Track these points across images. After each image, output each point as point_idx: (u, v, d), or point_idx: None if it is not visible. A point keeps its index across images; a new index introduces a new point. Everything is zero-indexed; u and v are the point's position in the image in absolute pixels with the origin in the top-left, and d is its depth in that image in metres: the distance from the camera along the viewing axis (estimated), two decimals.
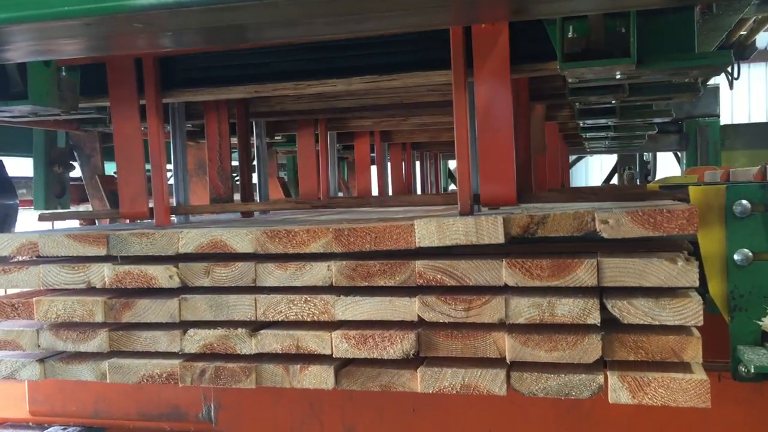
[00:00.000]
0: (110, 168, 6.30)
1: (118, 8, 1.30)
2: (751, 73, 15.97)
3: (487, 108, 1.98)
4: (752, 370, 1.60)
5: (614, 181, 8.31)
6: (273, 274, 1.69)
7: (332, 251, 1.66)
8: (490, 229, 1.54)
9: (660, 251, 1.55)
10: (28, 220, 5.93)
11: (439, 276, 1.59)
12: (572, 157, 8.26)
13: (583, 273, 1.52)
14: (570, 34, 1.93)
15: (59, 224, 6.50)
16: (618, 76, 2.09)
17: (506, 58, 2.06)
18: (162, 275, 1.73)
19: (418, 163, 6.55)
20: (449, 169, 8.53)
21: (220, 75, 2.89)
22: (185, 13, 1.31)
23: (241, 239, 1.70)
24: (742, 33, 4.26)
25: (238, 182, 3.69)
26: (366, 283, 1.64)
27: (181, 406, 2.01)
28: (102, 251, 1.76)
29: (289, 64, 2.78)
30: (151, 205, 2.46)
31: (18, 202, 4.30)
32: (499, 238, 1.54)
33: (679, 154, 7.53)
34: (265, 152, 3.84)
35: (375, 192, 5.32)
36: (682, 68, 2.10)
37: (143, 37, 1.54)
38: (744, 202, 1.64)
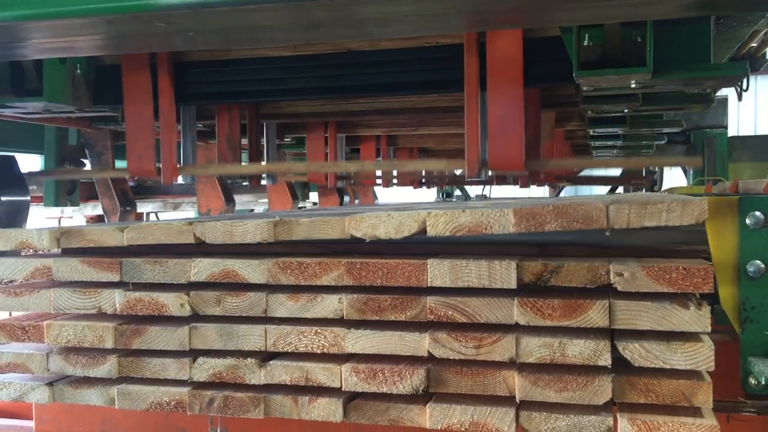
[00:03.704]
0: (122, 165, 6.32)
1: (142, 7, 1.31)
2: (758, 85, 15.92)
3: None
4: (762, 382, 1.60)
5: (620, 191, 8.30)
6: (284, 305, 1.69)
7: (344, 284, 1.66)
8: (503, 273, 1.55)
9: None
10: (36, 216, 5.97)
11: (450, 312, 1.59)
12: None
13: (595, 314, 1.52)
14: (586, 43, 1.93)
15: (65, 221, 6.53)
16: (633, 85, 2.10)
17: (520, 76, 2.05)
18: (173, 303, 1.73)
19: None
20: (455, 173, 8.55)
21: (233, 90, 2.90)
22: (209, 13, 1.32)
23: (253, 270, 1.70)
24: (752, 45, 4.25)
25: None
26: (377, 317, 1.64)
27: (188, 430, 2.02)
28: (115, 277, 1.77)
29: (304, 81, 2.79)
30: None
31: (30, 198, 4.33)
32: (512, 284, 1.54)
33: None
34: (274, 154, 3.85)
35: (379, 197, 5.32)
36: (697, 78, 2.11)
37: (163, 36, 1.54)
38: (757, 213, 1.64)
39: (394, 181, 5.47)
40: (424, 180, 6.59)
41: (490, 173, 1.96)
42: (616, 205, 1.51)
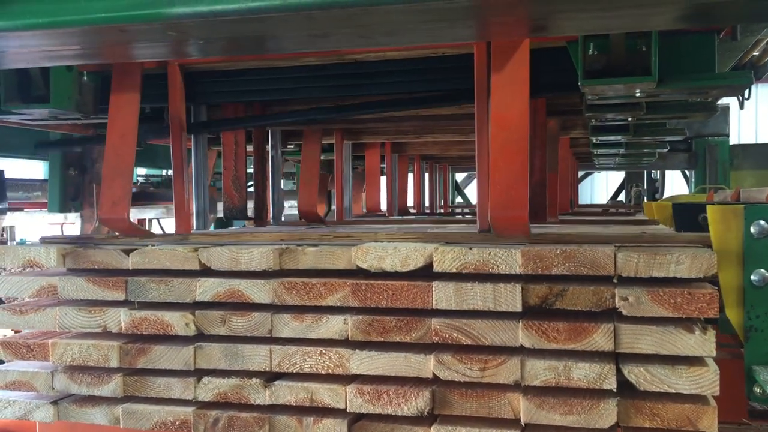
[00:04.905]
0: None
1: (155, 16, 1.31)
2: (758, 93, 15.90)
3: (502, 133, 1.93)
4: (767, 391, 1.59)
5: (621, 198, 8.29)
6: (289, 326, 1.69)
7: (349, 305, 1.66)
8: (508, 296, 1.55)
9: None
10: (39, 222, 5.97)
11: (455, 334, 1.60)
12: (579, 173, 8.23)
13: (600, 338, 1.52)
14: (591, 52, 1.93)
15: (68, 227, 6.54)
16: (638, 94, 2.10)
17: (526, 88, 2.03)
18: (178, 322, 1.73)
19: (426, 175, 6.55)
20: (456, 181, 8.54)
21: (241, 99, 2.91)
22: (219, 22, 1.33)
23: (258, 289, 1.70)
24: (754, 54, 4.25)
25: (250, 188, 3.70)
26: (382, 339, 1.64)
27: None
28: (121, 296, 1.77)
29: (313, 90, 2.79)
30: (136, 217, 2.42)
31: (7, 206, 4.38)
32: (517, 307, 1.54)
33: (688, 172, 7.50)
34: (279, 161, 3.84)
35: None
36: (702, 87, 2.11)
37: (175, 45, 1.55)
38: (762, 222, 1.64)
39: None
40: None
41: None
42: (625, 253, 1.52)
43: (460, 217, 5.40)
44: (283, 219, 3.91)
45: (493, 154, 1.86)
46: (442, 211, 6.95)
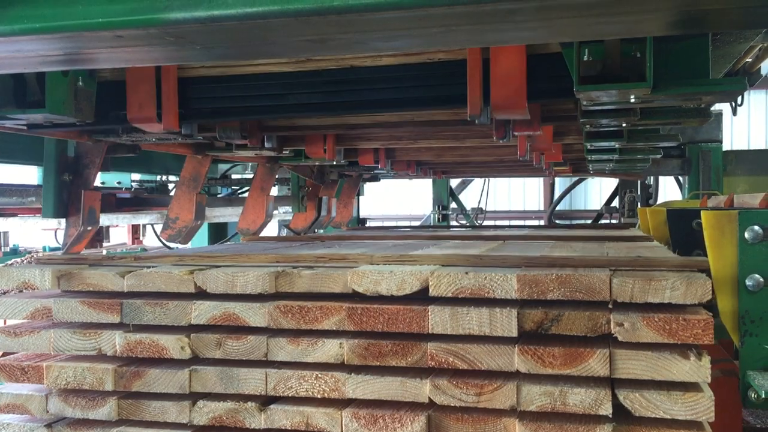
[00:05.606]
0: (112, 178, 6.30)
1: (151, 21, 1.31)
2: (751, 100, 15.93)
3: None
4: (762, 396, 1.60)
5: (614, 204, 8.29)
6: (285, 349, 1.68)
7: (345, 329, 1.66)
8: (504, 321, 1.55)
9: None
10: (33, 228, 5.95)
11: (451, 359, 1.60)
12: (574, 179, 8.20)
13: (596, 363, 1.53)
14: (586, 57, 1.93)
15: (61, 233, 6.49)
16: (632, 100, 2.11)
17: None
18: (173, 346, 1.73)
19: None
20: (450, 187, 8.55)
21: (235, 106, 2.89)
22: (217, 27, 1.32)
23: (253, 313, 1.70)
24: (747, 60, 4.26)
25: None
26: (378, 363, 1.64)
27: None
28: (116, 319, 1.76)
29: (306, 97, 2.78)
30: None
31: None
32: (512, 332, 1.55)
33: (681, 178, 7.52)
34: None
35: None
36: (696, 93, 2.11)
37: (172, 50, 1.54)
38: (756, 227, 1.64)
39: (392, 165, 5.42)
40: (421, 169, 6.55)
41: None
42: (620, 279, 1.53)
43: (457, 228, 5.40)
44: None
45: (493, 51, 1.98)
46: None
